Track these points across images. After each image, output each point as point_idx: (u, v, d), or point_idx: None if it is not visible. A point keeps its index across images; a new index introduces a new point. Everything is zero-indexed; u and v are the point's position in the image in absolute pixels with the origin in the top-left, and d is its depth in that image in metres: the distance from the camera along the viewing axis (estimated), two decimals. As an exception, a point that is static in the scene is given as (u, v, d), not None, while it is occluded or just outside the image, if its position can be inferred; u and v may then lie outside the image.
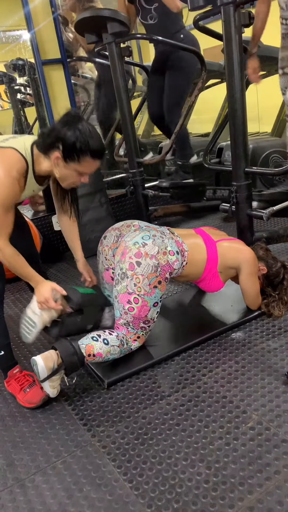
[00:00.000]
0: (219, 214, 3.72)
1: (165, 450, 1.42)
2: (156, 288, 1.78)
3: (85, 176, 1.70)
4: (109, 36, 2.76)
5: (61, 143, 1.58)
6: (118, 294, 1.80)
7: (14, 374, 1.80)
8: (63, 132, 1.58)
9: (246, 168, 2.36)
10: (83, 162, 1.62)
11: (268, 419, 1.47)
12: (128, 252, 1.78)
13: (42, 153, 1.64)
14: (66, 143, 1.58)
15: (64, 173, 1.66)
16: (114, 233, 1.96)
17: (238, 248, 1.99)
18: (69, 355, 1.66)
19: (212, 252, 1.93)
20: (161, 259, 1.78)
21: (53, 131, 1.61)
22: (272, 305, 2.05)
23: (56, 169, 1.65)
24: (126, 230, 1.92)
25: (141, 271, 1.75)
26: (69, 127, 1.58)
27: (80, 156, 1.60)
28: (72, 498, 1.31)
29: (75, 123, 1.59)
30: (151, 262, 1.76)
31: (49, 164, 1.65)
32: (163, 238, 1.83)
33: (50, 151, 1.61)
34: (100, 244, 2.01)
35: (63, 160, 1.61)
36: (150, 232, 1.84)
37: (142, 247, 1.77)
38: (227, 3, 2.06)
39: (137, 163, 3.19)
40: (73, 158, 1.60)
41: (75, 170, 1.64)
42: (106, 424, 1.57)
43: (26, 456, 1.50)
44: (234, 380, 1.68)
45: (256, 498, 1.21)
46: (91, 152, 1.61)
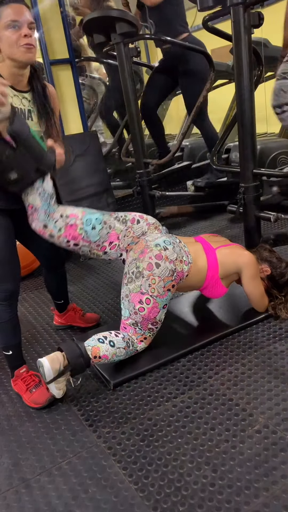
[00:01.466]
0: (226, 215, 3.71)
1: (170, 452, 1.41)
2: (169, 291, 1.80)
3: (22, 29, 1.54)
4: (117, 37, 2.76)
5: None
6: (130, 293, 1.80)
7: (21, 373, 1.81)
8: None
9: (254, 170, 2.35)
10: (3, 13, 1.51)
11: (275, 422, 1.46)
12: (149, 252, 1.78)
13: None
14: None
15: (3, 43, 1.53)
16: (145, 227, 1.89)
17: (237, 253, 1.98)
18: (75, 357, 1.66)
19: (212, 260, 1.93)
20: (178, 266, 1.80)
21: None
22: (279, 307, 2.04)
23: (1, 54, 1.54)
24: (152, 230, 1.91)
25: (159, 272, 1.75)
26: None
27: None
28: (78, 499, 1.30)
29: None
30: (169, 266, 1.77)
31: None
32: (180, 248, 1.85)
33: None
34: (131, 220, 1.88)
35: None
36: (170, 239, 1.85)
37: (163, 250, 1.78)
38: (237, 4, 2.06)
39: (144, 164, 3.19)
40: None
41: (4, 27, 1.52)
42: (112, 425, 1.57)
43: (32, 456, 1.50)
44: (241, 383, 1.67)
45: (263, 502, 1.20)
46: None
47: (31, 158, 1.58)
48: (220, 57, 4.12)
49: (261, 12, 2.12)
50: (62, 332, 2.30)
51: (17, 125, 1.51)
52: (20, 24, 1.54)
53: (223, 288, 1.99)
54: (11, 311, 1.75)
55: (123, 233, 1.86)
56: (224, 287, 1.99)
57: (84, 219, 1.79)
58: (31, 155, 1.57)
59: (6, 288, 1.71)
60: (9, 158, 1.53)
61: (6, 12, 1.52)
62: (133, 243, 1.88)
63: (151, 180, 3.27)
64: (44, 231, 1.77)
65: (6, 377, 1.94)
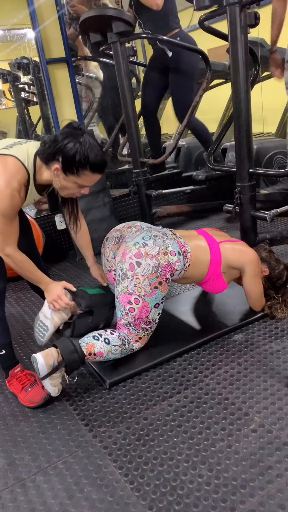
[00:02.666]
0: (222, 214, 3.72)
1: (166, 452, 1.41)
2: (157, 289, 1.77)
3: (85, 188, 1.69)
4: (114, 36, 2.76)
5: (61, 155, 1.57)
6: (119, 294, 1.80)
7: (16, 373, 1.80)
8: (64, 144, 1.56)
9: (250, 169, 2.36)
10: (82, 175, 1.61)
11: (271, 422, 1.46)
12: (128, 253, 1.77)
13: (43, 163, 1.63)
14: (66, 156, 1.56)
15: (64, 185, 1.65)
16: (115, 234, 1.95)
17: (241, 250, 1.98)
18: (70, 353, 1.66)
19: (215, 253, 1.92)
20: (162, 259, 1.77)
21: (54, 142, 1.59)
22: (275, 307, 2.04)
23: (55, 180, 1.64)
24: (127, 231, 1.92)
25: (141, 271, 1.74)
26: (70, 139, 1.56)
27: (80, 169, 1.59)
28: (73, 499, 1.30)
29: (76, 135, 1.57)
30: (151, 262, 1.75)
31: (49, 174, 1.64)
32: (164, 239, 1.82)
33: (51, 161, 1.60)
34: (102, 246, 2.01)
35: (62, 172, 1.60)
36: (151, 233, 1.83)
37: (142, 247, 1.76)
38: (233, 3, 2.06)
39: (140, 163, 3.19)
40: (72, 171, 1.59)
41: (74, 182, 1.64)
42: (108, 425, 1.57)
43: (27, 455, 1.49)
44: (236, 382, 1.68)
45: (258, 501, 1.20)
46: (91, 166, 1.59)
47: (103, 308, 1.93)
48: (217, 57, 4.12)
49: (257, 11, 2.13)
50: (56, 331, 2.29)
51: (84, 300, 1.85)
52: (88, 186, 1.70)
53: (224, 283, 1.98)
54: (0, 310, 1.75)
55: (106, 263, 1.97)
56: (225, 282, 1.98)
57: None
58: (102, 306, 1.93)
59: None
60: (93, 321, 1.87)
61: (88, 178, 1.64)
62: (116, 250, 1.91)
63: (148, 179, 3.27)
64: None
65: (1, 376, 1.93)
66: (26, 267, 1.70)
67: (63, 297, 1.77)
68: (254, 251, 2.01)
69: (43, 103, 3.74)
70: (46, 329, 1.81)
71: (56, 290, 1.77)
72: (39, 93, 3.87)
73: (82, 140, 1.57)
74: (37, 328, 1.84)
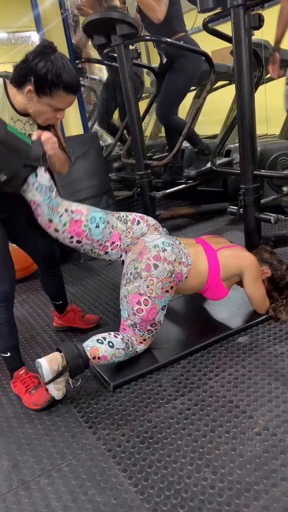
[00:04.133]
0: (226, 216, 3.71)
1: (170, 455, 1.41)
2: (168, 292, 1.79)
3: (60, 112, 1.62)
4: (118, 38, 2.76)
5: (32, 75, 1.51)
6: (129, 294, 1.79)
7: (20, 375, 1.80)
8: (34, 63, 1.50)
9: (254, 171, 2.35)
10: (56, 96, 1.55)
11: (275, 425, 1.45)
12: (147, 253, 1.77)
13: (16, 87, 1.58)
14: (37, 75, 1.50)
15: (38, 108, 1.59)
16: (144, 228, 1.89)
17: (239, 255, 1.98)
18: (74, 358, 1.66)
19: (213, 262, 1.92)
20: (177, 267, 1.79)
21: (24, 63, 1.53)
22: (280, 309, 2.04)
23: (29, 103, 1.59)
24: (152, 231, 1.91)
25: (157, 274, 1.75)
26: (41, 58, 1.50)
27: (52, 89, 1.52)
28: (77, 501, 1.30)
29: (47, 54, 1.51)
30: (167, 267, 1.76)
31: (23, 98, 1.59)
32: (179, 249, 1.84)
33: (23, 84, 1.55)
34: (132, 221, 1.89)
35: (35, 94, 1.54)
36: (169, 240, 1.85)
37: (162, 251, 1.77)
38: (237, 6, 2.05)
39: (144, 165, 3.19)
40: (45, 92, 1.53)
41: (48, 104, 1.57)
42: (112, 427, 1.57)
43: (31, 458, 1.49)
44: (241, 385, 1.67)
45: (263, 505, 1.20)
46: (64, 85, 1.53)
47: (15, 156, 1.54)
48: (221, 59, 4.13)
49: (261, 14, 2.12)
50: (62, 333, 2.29)
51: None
52: (63, 110, 1.63)
53: (225, 290, 1.98)
54: (8, 312, 1.75)
55: (124, 233, 1.86)
56: (226, 289, 1.99)
57: (89, 216, 1.79)
58: (14, 152, 1.53)
59: (2, 289, 1.71)
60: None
61: (62, 99, 1.57)
62: (132, 244, 1.88)
63: (151, 181, 3.27)
64: (50, 225, 1.76)
65: (6, 378, 1.93)
66: None
67: None
68: (252, 254, 2.01)
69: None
70: None
71: None
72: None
73: (54, 59, 1.51)
74: None
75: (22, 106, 1.62)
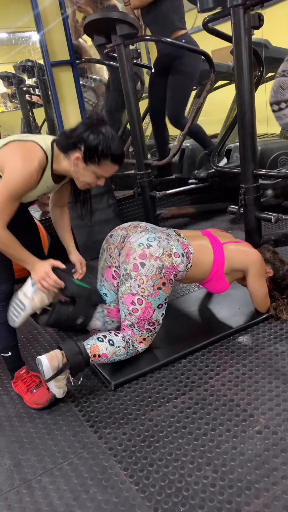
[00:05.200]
0: (227, 216, 3.71)
1: (171, 453, 1.41)
2: (160, 289, 1.78)
3: (101, 179, 1.71)
4: (118, 38, 2.77)
5: (83, 145, 1.60)
6: (123, 295, 1.80)
7: (21, 375, 1.81)
8: (86, 134, 1.59)
9: (254, 170, 2.36)
10: (103, 166, 1.64)
11: (276, 423, 1.46)
12: (133, 253, 1.78)
13: (61, 152, 1.65)
14: (89, 145, 1.59)
15: (82, 174, 1.66)
16: (120, 232, 1.95)
17: (245, 251, 1.98)
18: (74, 355, 1.66)
19: (219, 254, 1.92)
20: (166, 260, 1.77)
21: (75, 132, 1.62)
22: (280, 308, 2.04)
23: (74, 169, 1.65)
24: (132, 231, 1.92)
25: (145, 272, 1.74)
26: (93, 130, 1.59)
27: (101, 159, 1.61)
28: (79, 500, 1.31)
29: (99, 127, 1.60)
30: (155, 263, 1.75)
31: (67, 163, 1.65)
32: (168, 240, 1.82)
33: (71, 151, 1.62)
34: (105, 241, 2.00)
35: (83, 161, 1.62)
36: (155, 234, 1.83)
37: (146, 248, 1.77)
38: (237, 5, 2.06)
39: (144, 165, 3.19)
40: (94, 161, 1.62)
41: (93, 172, 1.66)
42: (113, 426, 1.57)
43: (33, 457, 1.50)
44: (242, 384, 1.67)
45: (263, 503, 1.20)
46: (112, 157, 1.62)
47: (86, 302, 1.86)
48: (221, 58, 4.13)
49: (261, 13, 2.13)
50: (63, 332, 2.30)
51: (70, 286, 1.77)
52: (104, 177, 1.71)
53: (226, 283, 1.98)
54: (7, 312, 1.76)
55: (107, 258, 1.96)
56: (227, 282, 1.98)
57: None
58: (86, 300, 1.86)
59: (3, 289, 1.72)
60: (74, 311, 1.82)
61: (108, 168, 1.66)
62: (121, 249, 1.90)
63: (152, 181, 3.28)
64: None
65: (7, 378, 1.94)
66: (11, 245, 1.62)
67: (52, 275, 1.68)
68: (258, 252, 2.01)
69: (47, 105, 3.75)
70: (23, 309, 1.71)
71: (44, 267, 1.68)
72: (44, 96, 3.88)
73: (105, 131, 1.60)
74: (13, 307, 1.73)
75: (63, 171, 1.69)
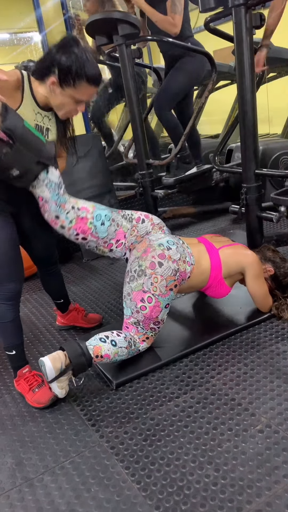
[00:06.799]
0: (228, 216, 3.72)
1: (173, 452, 1.41)
2: (172, 290, 1.80)
3: (81, 104, 1.65)
4: (119, 38, 2.77)
5: (56, 67, 1.54)
6: (132, 291, 1.80)
7: (24, 373, 1.81)
8: (59, 56, 1.53)
9: (256, 170, 2.36)
10: (79, 87, 1.57)
11: (277, 422, 1.46)
12: (152, 251, 1.79)
13: (38, 79, 1.61)
14: (62, 67, 1.53)
15: (60, 100, 1.61)
16: (149, 227, 1.91)
17: (240, 253, 1.98)
18: (77, 356, 1.67)
19: (215, 260, 1.93)
20: (181, 266, 1.81)
21: (48, 55, 1.57)
22: (282, 307, 2.04)
23: (52, 95, 1.61)
24: (156, 230, 1.93)
25: (161, 271, 1.76)
26: (65, 51, 1.53)
27: (76, 80, 1.55)
28: (80, 498, 1.31)
29: (71, 47, 1.54)
30: (172, 265, 1.77)
31: (45, 90, 1.61)
32: (183, 248, 1.86)
33: (46, 76, 1.58)
34: (136, 220, 1.90)
35: (59, 85, 1.57)
36: (174, 239, 1.86)
37: (166, 250, 1.79)
38: (238, 5, 2.06)
39: (146, 165, 3.20)
40: (69, 83, 1.55)
41: (71, 96, 1.60)
42: (115, 425, 1.57)
43: (35, 455, 1.50)
44: (243, 383, 1.68)
45: (265, 502, 1.20)
46: (87, 77, 1.56)
47: (30, 152, 1.55)
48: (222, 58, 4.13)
49: (262, 13, 2.13)
50: (65, 332, 2.30)
51: (11, 120, 1.47)
52: (84, 102, 1.65)
53: (227, 287, 1.99)
54: (15, 311, 1.76)
55: (129, 231, 1.87)
56: (228, 286, 1.99)
57: (95, 214, 1.80)
58: (30, 149, 1.54)
59: (11, 287, 1.72)
60: (8, 156, 1.49)
61: (85, 90, 1.60)
62: (136, 242, 1.89)
63: (154, 181, 3.28)
64: (56, 221, 1.77)
65: (9, 377, 1.95)
66: None
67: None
68: (254, 252, 2.01)
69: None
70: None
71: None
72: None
73: (77, 51, 1.54)
74: None
75: (43, 98, 1.64)
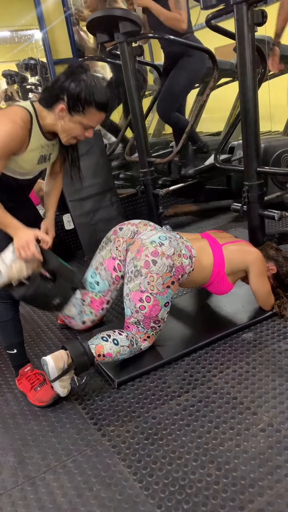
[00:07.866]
0: (230, 213, 3.71)
1: (175, 451, 1.41)
2: (169, 288, 1.79)
3: (89, 130, 1.66)
4: (121, 36, 2.76)
5: (65, 95, 1.55)
6: (130, 292, 1.80)
7: (26, 372, 1.81)
8: (68, 83, 1.54)
9: (258, 168, 2.35)
10: (88, 114, 1.59)
11: (279, 421, 1.46)
12: (145, 250, 1.78)
13: (45, 108, 1.61)
14: (71, 94, 1.54)
15: (68, 126, 1.62)
16: (131, 228, 1.95)
17: (245, 250, 1.98)
18: (79, 355, 1.67)
19: (219, 256, 1.93)
20: (176, 260, 1.79)
21: (56, 83, 1.57)
22: (285, 306, 2.04)
23: (60, 122, 1.61)
24: (142, 228, 1.93)
25: (156, 269, 1.75)
26: (74, 78, 1.54)
27: (85, 107, 1.56)
28: (82, 497, 1.31)
29: (79, 74, 1.55)
30: (166, 262, 1.76)
31: (53, 118, 1.61)
32: (177, 242, 1.85)
33: (55, 104, 1.58)
34: (113, 233, 1.98)
35: (67, 112, 1.58)
36: (166, 234, 1.85)
37: (159, 246, 1.78)
38: (240, 2, 2.05)
39: (148, 163, 3.19)
40: (78, 110, 1.57)
41: (79, 122, 1.61)
42: (116, 424, 1.57)
43: (37, 454, 1.50)
44: (245, 381, 1.67)
45: (267, 501, 1.20)
46: (96, 103, 1.57)
47: (66, 283, 1.79)
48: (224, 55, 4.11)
49: (264, 10, 2.12)
50: (66, 331, 2.30)
51: (52, 262, 1.70)
52: (92, 128, 1.66)
53: (229, 284, 1.98)
54: (14, 310, 1.76)
55: (113, 248, 1.93)
56: (230, 283, 1.98)
57: (89, 288, 2.03)
58: (66, 280, 1.78)
59: None
60: (52, 289, 1.73)
61: (94, 116, 1.61)
62: (129, 244, 1.89)
63: (155, 179, 3.27)
64: (84, 326, 2.08)
65: (11, 375, 1.95)
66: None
67: (32, 245, 1.59)
68: (258, 250, 2.01)
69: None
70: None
71: (27, 236, 1.59)
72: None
73: (86, 78, 1.55)
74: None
75: (50, 126, 1.65)
